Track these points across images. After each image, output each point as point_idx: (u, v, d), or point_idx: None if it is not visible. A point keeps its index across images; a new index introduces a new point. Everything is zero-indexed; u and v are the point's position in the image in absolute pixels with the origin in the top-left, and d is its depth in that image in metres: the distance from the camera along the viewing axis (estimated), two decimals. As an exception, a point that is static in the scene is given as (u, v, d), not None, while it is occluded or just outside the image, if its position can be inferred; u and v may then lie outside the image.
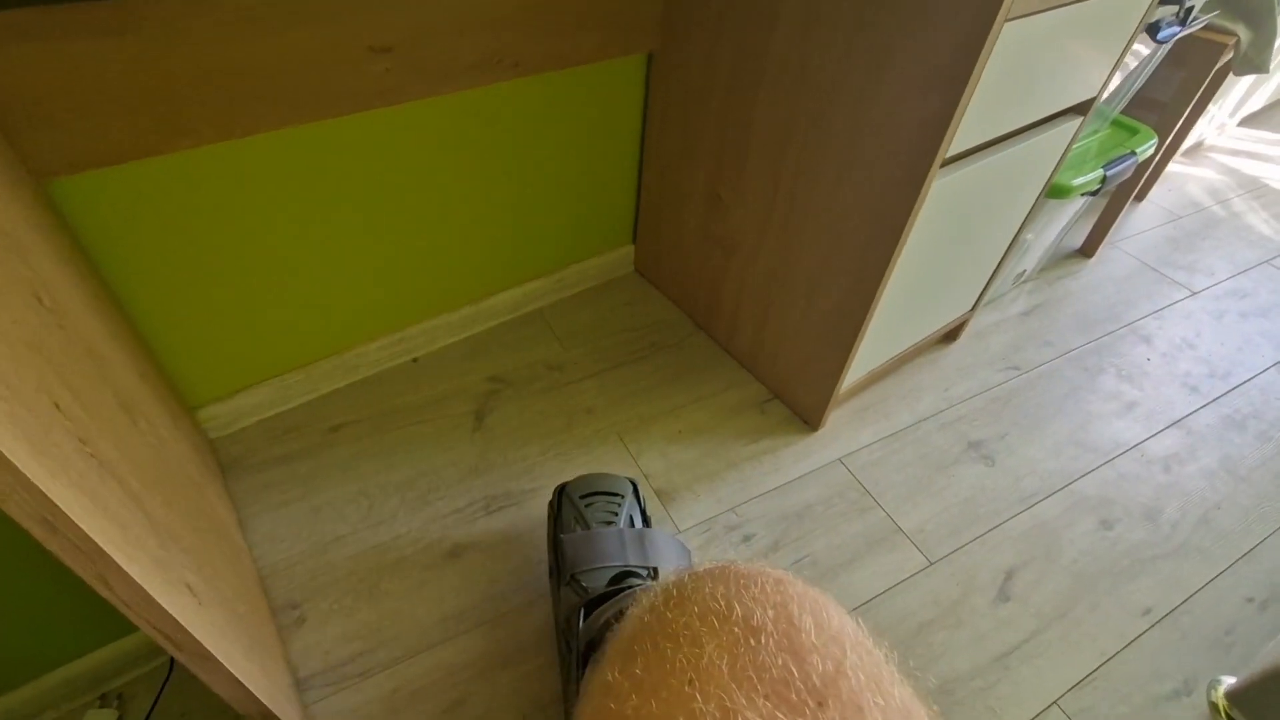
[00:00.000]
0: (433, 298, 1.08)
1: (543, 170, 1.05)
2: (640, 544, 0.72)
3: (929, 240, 0.85)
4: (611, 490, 0.78)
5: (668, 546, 0.73)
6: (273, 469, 0.94)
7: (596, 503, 0.77)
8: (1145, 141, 1.15)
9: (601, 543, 0.72)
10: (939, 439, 1.05)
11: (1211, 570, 0.91)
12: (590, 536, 0.73)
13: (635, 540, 0.72)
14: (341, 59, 0.75)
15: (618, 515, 0.76)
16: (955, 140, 0.71)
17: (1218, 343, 1.26)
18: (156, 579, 0.43)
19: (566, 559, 0.72)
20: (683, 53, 0.96)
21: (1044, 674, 0.80)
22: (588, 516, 0.75)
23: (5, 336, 0.38)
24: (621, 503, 0.77)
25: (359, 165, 0.86)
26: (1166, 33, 0.95)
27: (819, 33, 0.76)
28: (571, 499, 0.78)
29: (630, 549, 0.71)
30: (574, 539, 0.73)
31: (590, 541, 0.72)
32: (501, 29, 0.84)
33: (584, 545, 0.72)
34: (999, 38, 0.63)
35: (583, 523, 0.75)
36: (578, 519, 0.76)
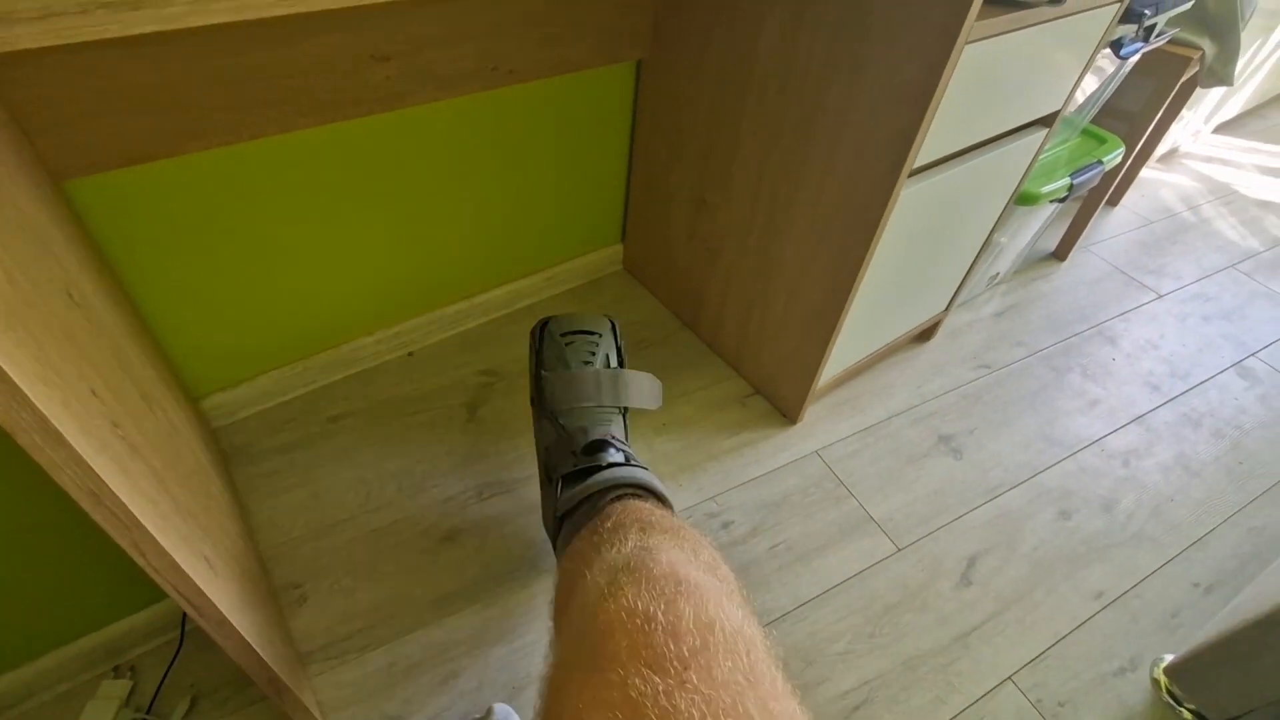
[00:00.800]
0: (427, 294, 1.12)
1: (535, 172, 1.09)
2: (614, 384, 0.78)
3: (900, 244, 0.90)
4: (591, 329, 0.83)
5: (640, 384, 0.80)
6: (274, 457, 0.98)
7: (576, 341, 0.81)
8: (1112, 150, 1.21)
9: (579, 385, 0.78)
10: (911, 433, 1.10)
11: (1162, 558, 0.97)
12: (570, 378, 0.78)
13: (610, 381, 0.78)
14: (344, 68, 0.79)
15: (595, 355, 0.81)
16: (923, 151, 0.76)
17: (1180, 344, 1.32)
18: (182, 550, 0.47)
19: (548, 396, 0.78)
20: (671, 61, 1.00)
21: (1001, 652, 0.85)
22: (568, 355, 0.80)
23: (50, 330, 0.42)
24: (600, 341, 0.82)
25: (358, 167, 0.90)
26: (1130, 49, 1.00)
27: (801, 45, 0.80)
28: (553, 336, 0.82)
29: (605, 390, 0.78)
30: (554, 379, 0.78)
31: (569, 383, 0.78)
32: (498, 38, 0.88)
33: (563, 386, 0.78)
34: (960, 59, 0.68)
35: (563, 361, 0.80)
36: (558, 357, 0.81)
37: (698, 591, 0.45)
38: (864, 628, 0.86)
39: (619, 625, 0.43)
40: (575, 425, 0.76)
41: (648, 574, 0.47)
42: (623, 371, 0.80)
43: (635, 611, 0.43)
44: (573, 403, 0.77)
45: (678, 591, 0.45)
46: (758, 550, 0.93)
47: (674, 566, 0.48)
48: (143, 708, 0.74)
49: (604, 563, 0.51)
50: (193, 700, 0.75)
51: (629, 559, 0.50)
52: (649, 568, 0.47)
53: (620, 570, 0.48)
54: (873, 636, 0.86)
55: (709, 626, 0.42)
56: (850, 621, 0.87)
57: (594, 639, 0.44)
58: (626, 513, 0.61)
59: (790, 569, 0.91)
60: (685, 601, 0.44)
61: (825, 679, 0.82)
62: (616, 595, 0.45)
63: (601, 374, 0.79)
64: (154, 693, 0.75)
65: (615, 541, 0.55)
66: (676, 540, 0.55)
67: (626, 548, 0.53)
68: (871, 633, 0.86)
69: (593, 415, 0.77)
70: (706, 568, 0.52)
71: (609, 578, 0.48)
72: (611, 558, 0.52)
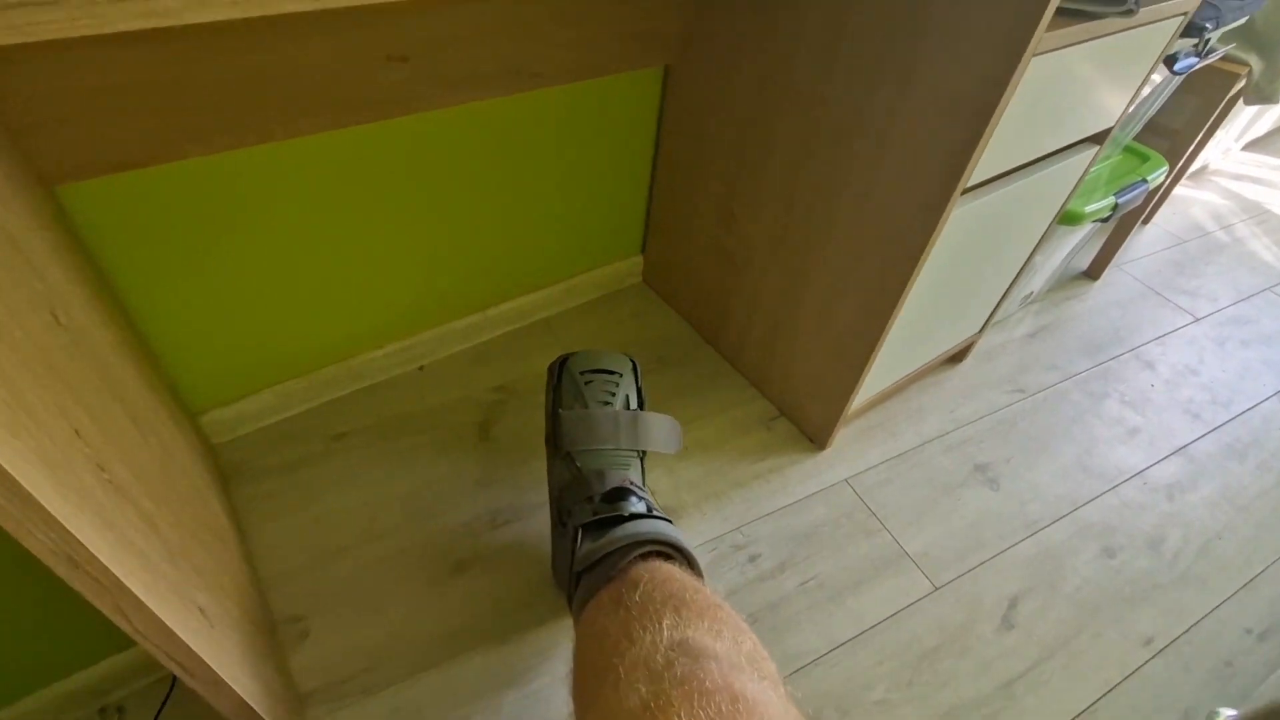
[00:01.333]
0: (440, 306, 1.07)
1: (554, 180, 1.04)
2: (634, 427, 0.75)
3: (944, 265, 0.85)
4: (611, 368, 0.79)
5: (659, 429, 0.76)
6: (274, 477, 0.93)
7: (596, 380, 0.78)
8: (1156, 169, 1.16)
9: (597, 425, 0.74)
10: (944, 461, 1.05)
11: (1212, 600, 0.92)
12: (587, 417, 0.75)
13: (629, 423, 0.75)
14: (358, 68, 0.74)
15: (615, 395, 0.77)
16: (977, 170, 0.71)
17: (1220, 370, 1.27)
18: (172, 604, 0.42)
19: (564, 435, 0.74)
20: (701, 67, 0.95)
21: (1047, 703, 0.80)
22: (586, 395, 0.77)
23: (27, 362, 0.37)
24: (620, 381, 0.79)
25: (370, 174, 0.85)
26: (1184, 64, 0.95)
27: (844, 53, 0.75)
28: (572, 374, 0.79)
29: (624, 432, 0.74)
30: (571, 417, 0.75)
31: (587, 423, 0.74)
32: (522, 40, 0.83)
33: (580, 425, 0.74)
34: (1026, 71, 0.63)
35: (581, 400, 0.77)
36: (576, 396, 0.77)
37: (757, 710, 0.39)
38: (902, 674, 0.81)
39: None
40: (591, 468, 0.72)
41: (699, 686, 0.41)
42: (642, 414, 0.77)
43: None
44: (590, 444, 0.73)
45: (735, 710, 0.39)
46: (787, 587, 0.87)
47: (727, 678, 0.42)
48: (129, 754, 0.68)
49: (639, 658, 0.45)
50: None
51: (671, 662, 0.44)
52: (699, 678, 0.41)
53: (664, 679, 0.42)
54: (911, 684, 0.80)
55: None
56: (887, 666, 0.81)
57: None
58: (655, 583, 0.55)
59: (822, 608, 0.86)
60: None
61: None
62: (666, 711, 0.39)
63: (621, 415, 0.75)
64: (141, 737, 0.70)
65: (648, 626, 0.49)
66: (715, 626, 0.49)
67: (663, 641, 0.47)
68: (910, 680, 0.80)
69: (610, 458, 0.73)
70: (750, 662, 0.46)
71: (651, 686, 0.42)
72: (647, 654, 0.46)
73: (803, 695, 0.78)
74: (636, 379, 0.81)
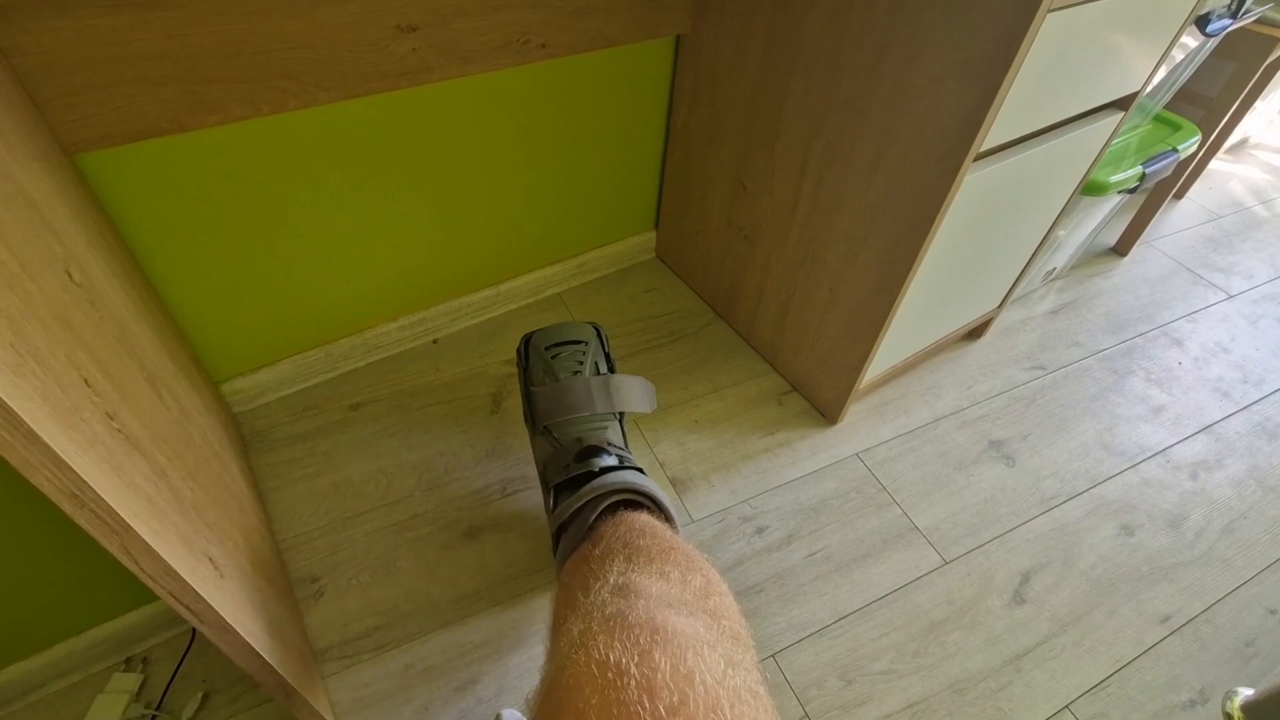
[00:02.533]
0: (454, 279, 1.08)
1: (566, 153, 1.04)
2: (605, 390, 0.76)
3: (958, 235, 0.83)
4: (575, 339, 0.80)
5: (630, 389, 0.77)
6: (294, 445, 0.96)
7: (563, 353, 0.79)
8: (1188, 138, 1.12)
9: (570, 395, 0.75)
10: (959, 437, 1.04)
11: (1234, 580, 0.90)
12: (559, 389, 0.76)
13: (601, 387, 0.76)
14: (368, 38, 0.75)
15: (583, 364, 0.78)
16: (990, 134, 0.70)
17: (1253, 348, 1.22)
18: (180, 552, 0.44)
19: (539, 411, 0.76)
20: (714, 36, 0.94)
21: (1057, 678, 0.79)
22: (555, 368, 0.78)
23: (37, 312, 0.38)
24: (586, 349, 0.79)
25: (383, 145, 0.86)
26: (1216, 25, 0.91)
27: (856, 16, 0.74)
28: (538, 350, 0.79)
29: (597, 397, 0.75)
30: (544, 392, 0.76)
31: (559, 394, 0.75)
32: (531, 9, 0.83)
33: (552, 398, 0.75)
34: (1041, 28, 0.61)
35: (551, 374, 0.77)
36: (546, 371, 0.78)
37: (676, 639, 0.41)
38: (908, 645, 0.81)
39: (588, 680, 0.39)
40: (570, 436, 0.73)
41: (622, 621, 0.42)
42: (612, 376, 0.77)
43: (606, 664, 0.39)
44: (565, 414, 0.74)
45: (653, 641, 0.40)
46: (794, 558, 0.87)
47: (650, 611, 0.43)
48: (153, 703, 0.71)
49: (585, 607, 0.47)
50: (204, 696, 0.73)
51: (605, 603, 0.46)
52: (624, 614, 0.43)
53: (595, 617, 0.44)
54: (917, 655, 0.80)
55: (688, 679, 0.38)
56: (893, 638, 0.81)
57: (559, 695, 0.40)
58: (616, 535, 0.57)
59: (829, 579, 0.86)
60: (661, 652, 0.40)
61: (865, 700, 0.76)
62: (587, 646, 0.41)
63: (591, 381, 0.76)
64: (165, 687, 0.73)
65: (600, 576, 0.51)
66: (664, 568, 0.51)
67: (607, 587, 0.49)
68: (916, 651, 0.80)
69: (586, 424, 0.74)
70: (696, 597, 0.48)
71: (583, 625, 0.44)
72: (591, 601, 0.48)
73: (806, 663, 0.78)
74: (604, 344, 0.82)
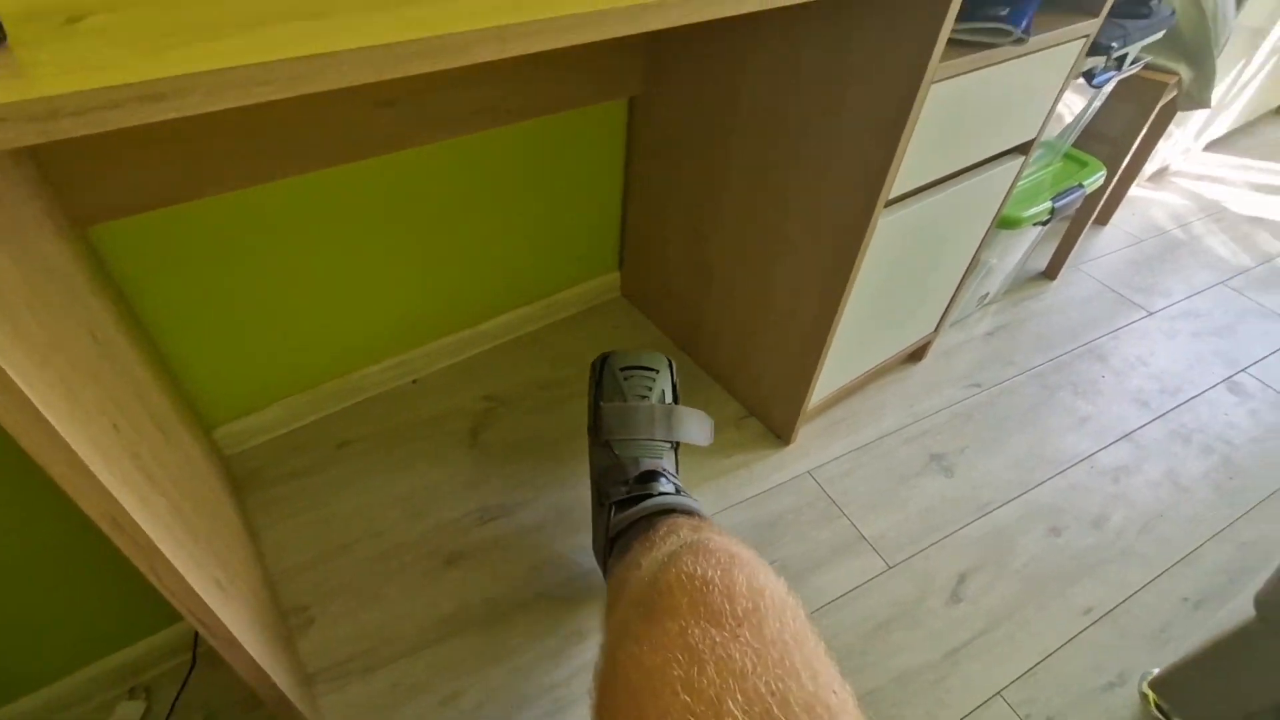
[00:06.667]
0: (431, 323, 1.16)
1: (534, 204, 1.14)
2: (668, 419, 0.81)
3: (883, 269, 0.93)
4: (649, 365, 0.86)
5: (691, 422, 0.83)
6: (284, 484, 1.02)
7: (634, 376, 0.85)
8: (1094, 174, 1.24)
9: (635, 417, 0.81)
10: (903, 452, 1.13)
11: (1151, 573, 0.98)
12: (626, 409, 0.81)
13: (664, 416, 0.81)
14: (350, 114, 0.84)
15: (651, 390, 0.84)
16: (897, 183, 0.80)
17: (1170, 360, 1.34)
18: (194, 573, 0.51)
19: (604, 426, 0.81)
20: (663, 98, 1.05)
21: (991, 668, 0.87)
22: (625, 389, 0.84)
23: (77, 369, 0.46)
24: (656, 378, 0.85)
25: (365, 206, 0.95)
26: (1102, 78, 1.04)
27: (782, 88, 0.85)
28: (613, 370, 0.85)
29: (659, 424, 0.81)
30: (611, 409, 0.82)
31: (626, 414, 0.81)
32: (497, 81, 0.93)
33: (618, 417, 0.81)
34: (926, 97, 0.72)
35: (620, 394, 0.84)
36: (616, 390, 0.84)
37: (749, 563, 0.51)
38: (856, 645, 0.88)
39: (678, 585, 0.48)
40: (629, 455, 0.79)
41: (704, 547, 0.52)
42: (676, 407, 0.83)
43: (694, 575, 0.49)
44: (627, 433, 0.80)
45: (732, 561, 0.50)
46: (751, 569, 0.95)
47: (727, 543, 0.54)
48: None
49: (659, 551, 0.57)
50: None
51: (684, 540, 0.56)
52: (704, 543, 0.53)
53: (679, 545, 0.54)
54: (864, 654, 0.87)
55: (760, 592, 0.47)
56: (843, 639, 0.89)
57: (653, 597, 0.49)
58: (678, 522, 0.65)
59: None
60: (739, 570, 0.49)
61: (817, 696, 0.83)
62: (675, 563, 0.51)
63: (656, 408, 0.82)
64: (167, 714, 0.78)
65: (669, 539, 0.60)
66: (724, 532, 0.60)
67: (680, 537, 0.59)
68: (864, 649, 0.88)
69: (645, 447, 0.80)
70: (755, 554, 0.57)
71: (667, 554, 0.54)
72: (666, 547, 0.57)
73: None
74: (672, 376, 0.88)
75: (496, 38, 0.39)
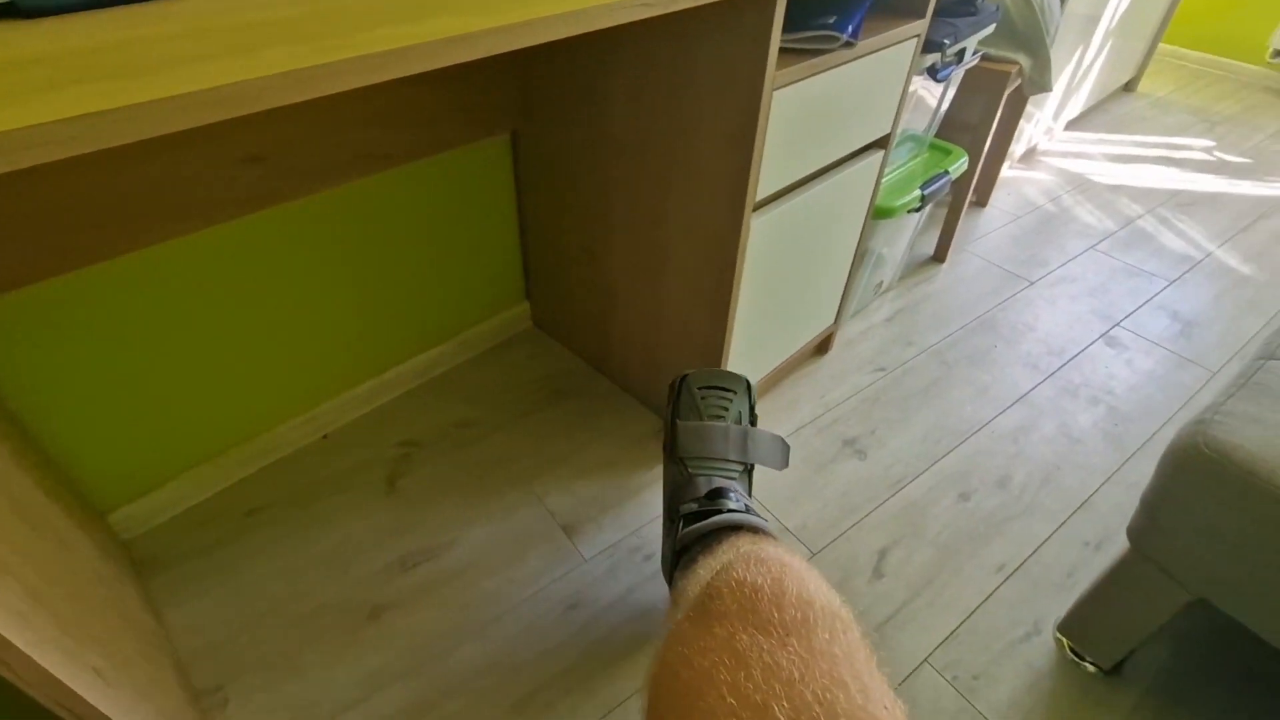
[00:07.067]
0: (338, 375, 1.14)
1: (430, 245, 1.14)
2: (742, 441, 0.81)
3: (767, 269, 0.97)
4: (726, 386, 0.85)
5: (766, 444, 0.83)
6: (191, 561, 0.97)
7: (711, 396, 0.84)
8: (957, 160, 1.33)
9: (710, 435, 0.81)
10: (818, 442, 1.16)
11: (1054, 524, 1.04)
12: (702, 428, 0.81)
13: (739, 437, 0.81)
14: (216, 173, 0.83)
15: (728, 411, 0.83)
16: (761, 187, 0.84)
17: (1053, 324, 1.43)
18: (60, 661, 0.48)
19: (679, 443, 0.81)
20: (541, 131, 1.08)
21: (915, 637, 0.90)
22: (702, 408, 0.83)
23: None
24: (733, 399, 0.84)
25: (251, 264, 0.94)
26: (944, 73, 1.12)
27: (644, 110, 0.88)
28: (690, 389, 0.85)
29: (734, 444, 0.81)
30: (687, 428, 0.81)
31: (701, 432, 0.81)
32: (369, 126, 0.94)
33: (694, 435, 0.81)
34: (771, 104, 0.76)
35: (696, 413, 0.83)
36: (692, 409, 0.84)
37: (800, 573, 0.51)
38: (787, 635, 0.90)
39: (729, 591, 0.49)
40: (701, 474, 0.79)
41: (756, 556, 0.53)
42: (752, 429, 0.83)
43: (744, 582, 0.50)
44: (702, 452, 0.80)
45: (783, 570, 0.51)
46: (680, 577, 0.96)
47: (780, 554, 0.54)
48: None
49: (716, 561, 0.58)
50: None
51: (740, 550, 0.57)
52: (756, 553, 0.54)
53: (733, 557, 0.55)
54: (795, 642, 0.89)
55: (809, 603, 0.48)
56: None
57: (704, 602, 0.50)
58: (741, 537, 0.66)
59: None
60: (790, 579, 0.50)
61: (753, 691, 0.84)
62: (727, 571, 0.52)
63: (731, 429, 0.81)
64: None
65: (729, 551, 0.61)
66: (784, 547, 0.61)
67: (738, 548, 0.60)
68: (794, 639, 0.89)
69: (719, 467, 0.80)
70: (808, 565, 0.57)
71: (723, 564, 0.55)
72: (724, 557, 0.58)
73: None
74: (750, 397, 0.87)
75: (295, 82, 0.40)
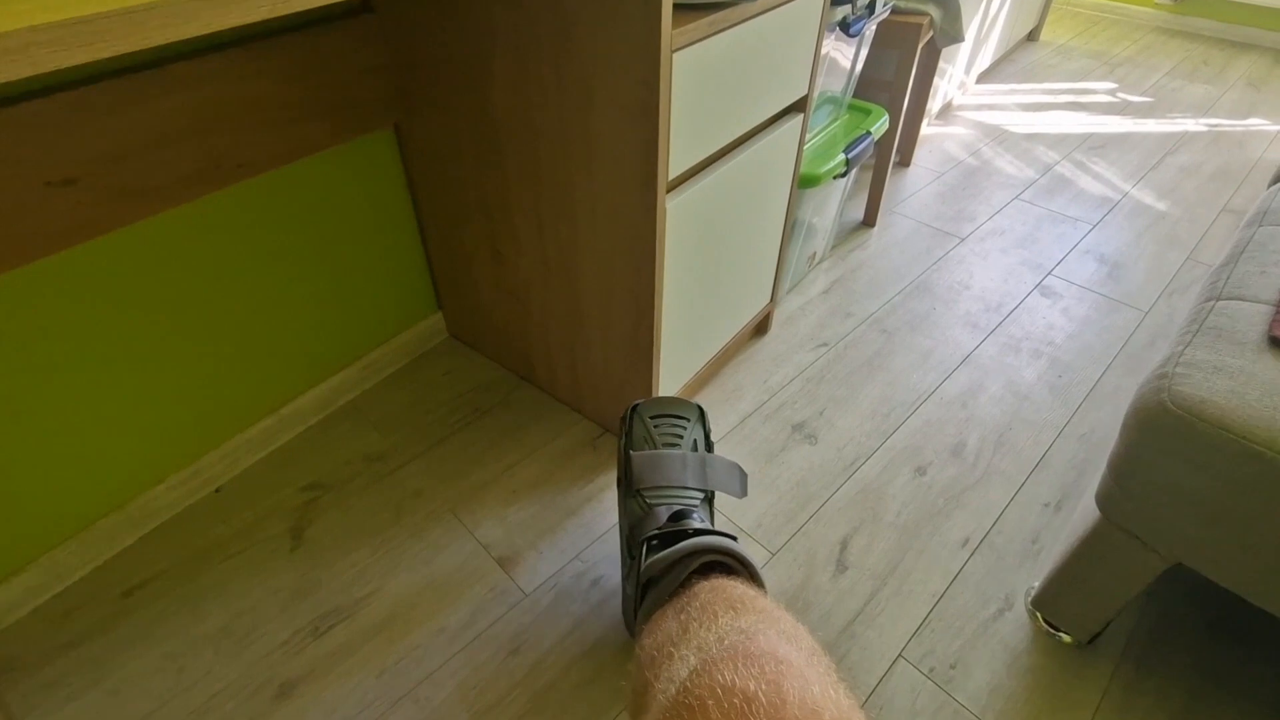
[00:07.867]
0: (224, 418, 1.00)
1: (319, 258, 1.00)
2: (700, 468, 0.78)
3: (691, 252, 0.89)
4: (679, 413, 0.83)
5: (724, 470, 0.79)
6: (56, 661, 0.83)
7: (664, 424, 0.82)
8: (878, 120, 1.28)
9: (665, 464, 0.77)
10: (765, 430, 1.09)
11: (1012, 488, 1.00)
12: (657, 457, 0.78)
13: (696, 464, 0.78)
14: (14, 201, 0.68)
15: (682, 438, 0.81)
16: (673, 164, 0.75)
17: (987, 279, 1.40)
18: None
19: (634, 475, 0.77)
20: (425, 123, 0.96)
21: (885, 632, 0.84)
22: (655, 436, 0.80)
23: None
24: (687, 425, 0.82)
25: (93, 300, 0.79)
26: (857, 26, 1.05)
27: (531, 86, 0.78)
28: (642, 418, 0.82)
29: (691, 471, 0.77)
30: (641, 457, 0.77)
31: (656, 461, 0.77)
32: (208, 135, 0.80)
33: (649, 465, 0.77)
34: (673, 68, 0.67)
35: (650, 442, 0.80)
36: (646, 438, 0.80)
37: (801, 673, 0.41)
38: (752, 649, 0.82)
39: (714, 703, 0.39)
40: (661, 502, 0.74)
41: (745, 651, 0.43)
42: (709, 455, 0.80)
43: (733, 690, 0.40)
44: (659, 480, 0.76)
45: (779, 671, 0.41)
46: (631, 600, 0.87)
47: (773, 645, 0.44)
48: None
49: (694, 641, 0.47)
50: None
51: (723, 636, 0.46)
52: (745, 645, 0.44)
53: (714, 647, 0.44)
54: (761, 656, 0.82)
55: (815, 713, 0.38)
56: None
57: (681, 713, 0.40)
58: (715, 592, 0.56)
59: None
60: (789, 682, 0.40)
61: (722, 719, 0.76)
62: (710, 671, 0.41)
63: (688, 456, 0.78)
64: None
65: (705, 620, 0.51)
66: (771, 622, 0.50)
67: (719, 625, 0.49)
68: (760, 652, 0.82)
69: (678, 494, 0.75)
70: (807, 653, 0.47)
71: (701, 655, 0.44)
72: (702, 636, 0.47)
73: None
74: (704, 424, 0.84)
75: None
